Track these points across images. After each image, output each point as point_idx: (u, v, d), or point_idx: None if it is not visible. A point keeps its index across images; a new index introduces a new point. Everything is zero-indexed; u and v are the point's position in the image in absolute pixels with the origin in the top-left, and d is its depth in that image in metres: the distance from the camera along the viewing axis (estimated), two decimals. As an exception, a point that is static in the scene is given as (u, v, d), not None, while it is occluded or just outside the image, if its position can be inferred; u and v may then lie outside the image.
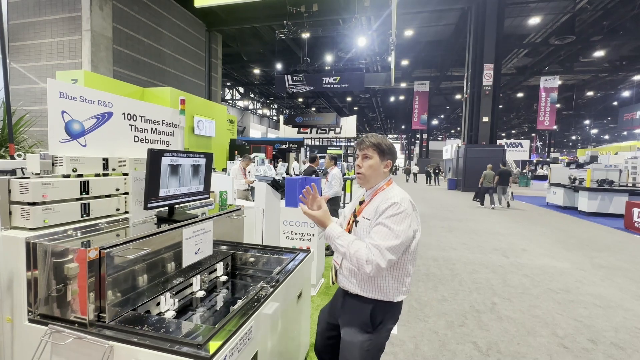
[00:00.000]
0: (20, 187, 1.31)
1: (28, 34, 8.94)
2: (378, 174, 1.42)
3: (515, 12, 14.90)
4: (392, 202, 1.29)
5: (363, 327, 1.37)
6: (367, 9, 12.34)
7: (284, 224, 3.56)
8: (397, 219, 1.27)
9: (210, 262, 1.88)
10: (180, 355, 1.02)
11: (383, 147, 1.41)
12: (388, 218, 1.27)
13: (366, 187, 1.47)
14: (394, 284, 1.36)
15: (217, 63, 15.39)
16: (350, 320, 1.41)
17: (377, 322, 1.37)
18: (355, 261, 1.26)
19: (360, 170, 1.43)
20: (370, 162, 1.41)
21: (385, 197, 1.35)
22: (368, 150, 1.42)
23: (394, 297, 1.36)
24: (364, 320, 1.37)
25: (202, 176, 1.87)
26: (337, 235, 1.33)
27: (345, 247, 1.28)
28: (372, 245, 1.25)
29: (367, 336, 1.36)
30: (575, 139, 46.29)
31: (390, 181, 1.45)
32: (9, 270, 1.24)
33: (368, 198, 1.45)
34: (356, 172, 1.45)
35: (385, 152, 1.42)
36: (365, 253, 1.24)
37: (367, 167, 1.42)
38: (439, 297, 3.50)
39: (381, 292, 1.35)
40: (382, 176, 1.44)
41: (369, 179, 1.43)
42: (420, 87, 21.60)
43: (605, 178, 9.81)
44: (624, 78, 21.38)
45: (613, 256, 5.24)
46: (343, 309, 1.46)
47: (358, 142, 1.46)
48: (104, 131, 1.75)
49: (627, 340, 2.70)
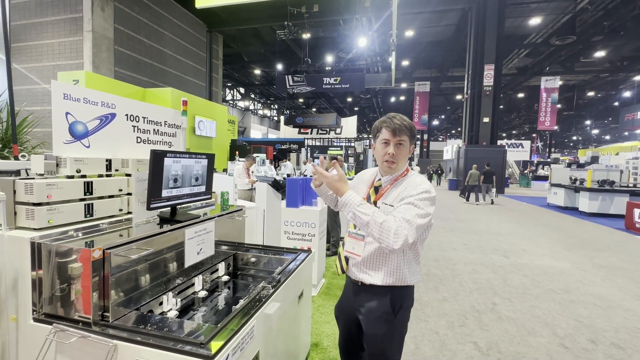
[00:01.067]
0: (25, 188, 1.32)
1: (30, 34, 8.98)
2: (406, 161, 1.37)
3: (516, 12, 14.90)
4: (424, 189, 1.25)
5: (384, 317, 1.34)
6: (367, 9, 12.35)
7: (284, 224, 3.57)
8: (428, 203, 1.24)
9: (212, 262, 1.89)
10: (183, 354, 1.03)
11: (414, 132, 1.34)
12: (421, 200, 1.22)
13: (389, 173, 1.38)
14: (408, 267, 1.33)
15: (218, 64, 15.42)
16: (370, 313, 1.37)
17: (397, 309, 1.34)
18: (381, 232, 1.15)
19: (394, 158, 1.32)
20: (404, 150, 1.33)
21: (411, 183, 1.30)
22: (402, 136, 1.31)
23: (410, 280, 1.34)
24: (385, 309, 1.34)
25: (204, 177, 1.88)
26: (359, 202, 1.22)
27: (370, 216, 1.17)
28: (402, 219, 1.17)
29: (390, 325, 1.34)
30: (576, 139, 46.21)
31: (408, 167, 1.40)
32: (14, 270, 1.26)
33: (387, 184, 1.37)
34: (386, 160, 1.33)
35: (414, 135, 1.35)
36: (395, 224, 1.15)
37: (402, 155, 1.33)
38: (440, 297, 3.51)
39: (397, 277, 1.32)
40: (407, 162, 1.39)
41: (397, 168, 1.35)
42: (421, 87, 21.59)
43: (606, 178, 9.80)
44: (624, 78, 21.34)
45: (613, 256, 5.24)
46: (360, 303, 1.41)
47: (388, 125, 1.31)
48: (107, 132, 1.77)
49: (627, 341, 2.71)
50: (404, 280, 1.33)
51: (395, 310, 1.35)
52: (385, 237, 1.15)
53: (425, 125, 23.01)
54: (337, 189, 1.28)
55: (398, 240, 1.13)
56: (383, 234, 1.15)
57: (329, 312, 3.04)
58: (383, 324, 1.34)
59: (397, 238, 1.13)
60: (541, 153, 38.57)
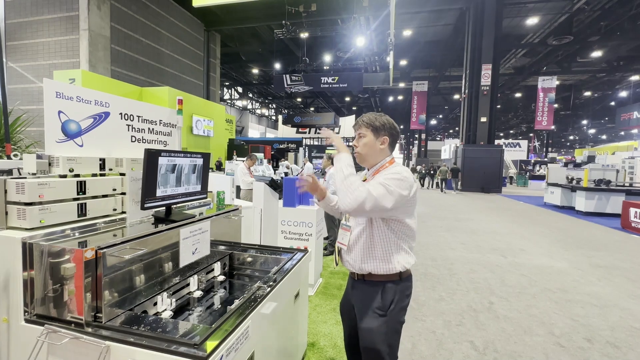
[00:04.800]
0: (17, 187, 1.30)
1: (25, 33, 8.91)
2: (375, 152, 1.43)
3: (514, 12, 14.94)
4: (396, 171, 1.33)
5: (376, 311, 1.37)
6: (365, 8, 12.35)
7: (281, 223, 3.56)
8: (397, 182, 1.28)
9: (207, 262, 1.88)
10: (177, 354, 1.02)
11: (377, 124, 1.42)
12: (389, 180, 1.28)
13: (366, 165, 1.49)
14: (396, 252, 1.37)
15: (216, 63, 15.37)
16: (363, 306, 1.41)
17: (389, 303, 1.37)
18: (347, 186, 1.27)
19: (356, 149, 1.46)
20: (365, 140, 1.43)
21: (390, 170, 1.36)
22: (361, 129, 1.44)
23: (399, 266, 1.37)
24: (376, 304, 1.37)
25: (200, 176, 1.87)
26: (349, 163, 1.35)
27: (344, 173, 1.30)
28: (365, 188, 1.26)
29: (382, 320, 1.36)
30: (572, 139, 46.44)
31: (392, 160, 1.46)
32: (5, 271, 1.24)
33: (369, 176, 1.46)
34: (354, 151, 1.47)
35: (379, 128, 1.42)
36: (358, 186, 1.26)
37: (362, 145, 1.44)
38: (437, 296, 3.51)
39: (385, 262, 1.36)
40: (382, 154, 1.44)
41: (366, 157, 1.45)
42: (419, 87, 21.60)
43: (602, 178, 9.85)
44: (621, 78, 21.46)
45: (610, 256, 5.27)
46: (354, 295, 1.47)
47: (354, 123, 1.50)
48: (100, 131, 1.75)
49: (622, 339, 2.72)
50: (391, 265, 1.37)
51: (387, 305, 1.37)
52: (350, 192, 1.25)
53: (423, 124, 23.01)
54: (341, 145, 1.41)
55: (355, 195, 1.23)
56: (348, 188, 1.26)
57: (326, 311, 3.03)
58: (375, 319, 1.37)
59: (356, 195, 1.23)
60: (538, 152, 38.73)
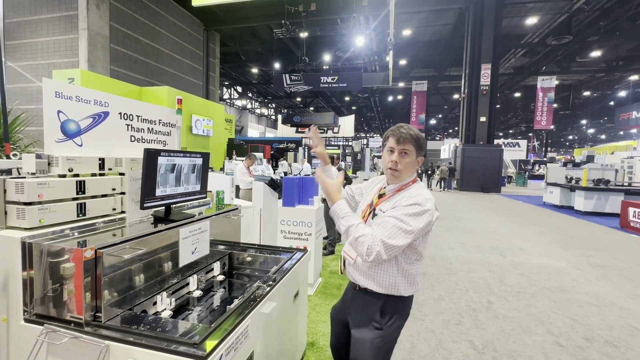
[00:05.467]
0: (16, 187, 1.30)
1: (24, 32, 8.88)
2: (411, 171, 1.35)
3: (513, 12, 14.94)
4: (415, 201, 1.23)
5: (373, 324, 1.33)
6: (365, 8, 12.34)
7: (281, 223, 3.57)
8: (415, 217, 1.21)
9: (207, 262, 1.88)
10: (176, 354, 1.02)
11: (421, 143, 1.33)
12: (407, 216, 1.21)
13: (394, 182, 1.38)
14: (403, 277, 1.32)
15: (215, 62, 15.35)
16: (360, 317, 1.38)
17: (387, 318, 1.33)
18: (356, 246, 1.22)
19: (397, 167, 1.32)
20: (408, 160, 1.32)
21: (408, 194, 1.30)
22: (407, 145, 1.30)
23: (404, 291, 1.32)
24: (374, 316, 1.33)
25: (199, 176, 1.87)
26: (342, 215, 1.27)
27: (346, 227, 1.24)
28: (378, 237, 1.19)
29: (377, 333, 1.32)
30: (572, 138, 46.47)
31: (415, 178, 1.38)
32: (4, 270, 1.24)
33: (390, 192, 1.38)
34: (390, 167, 1.34)
35: (422, 147, 1.34)
36: (369, 241, 1.19)
37: (405, 164, 1.32)
38: (436, 296, 3.52)
39: (390, 286, 1.31)
40: (412, 173, 1.37)
41: (400, 176, 1.34)
42: (418, 86, 21.58)
43: (601, 177, 9.87)
44: (620, 78, 21.47)
45: (609, 255, 5.28)
46: (352, 305, 1.43)
47: (394, 133, 1.33)
48: (100, 131, 1.75)
49: (621, 339, 2.73)
50: (397, 289, 1.31)
51: (385, 319, 1.34)
52: (359, 249, 1.22)
53: (423, 124, 22.99)
54: (331, 195, 1.35)
55: (370, 255, 1.19)
56: (358, 246, 1.22)
57: (325, 311, 3.03)
58: (369, 331, 1.33)
59: (369, 252, 1.19)
60: (537, 152, 38.78)
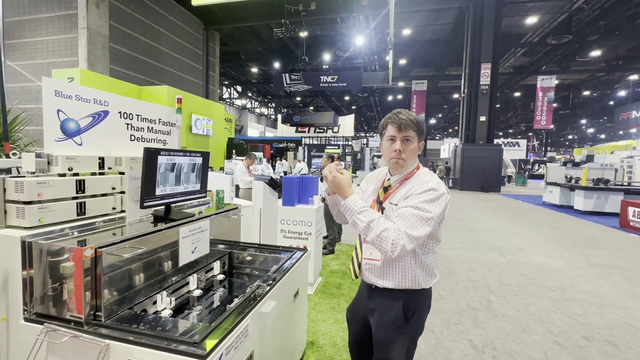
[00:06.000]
0: (16, 186, 1.30)
1: (24, 31, 8.87)
2: (414, 158, 1.30)
3: (513, 11, 14.93)
4: (430, 186, 1.20)
5: (396, 322, 1.29)
6: (365, 7, 12.32)
7: (281, 222, 3.57)
8: (433, 203, 1.18)
9: (207, 261, 1.88)
10: (176, 353, 1.02)
11: (422, 127, 1.28)
12: (424, 202, 1.17)
13: (398, 172, 1.33)
14: (422, 269, 1.28)
15: (215, 62, 15.33)
16: (383, 317, 1.32)
17: (410, 314, 1.29)
18: (380, 242, 1.14)
19: (402, 155, 1.26)
20: (412, 146, 1.26)
21: (419, 181, 1.25)
22: (409, 131, 1.25)
23: (424, 283, 1.29)
24: (397, 315, 1.28)
25: (199, 175, 1.87)
26: (359, 210, 1.18)
27: (366, 223, 1.16)
28: (402, 230, 1.15)
29: (400, 331, 1.28)
30: (571, 138, 46.50)
31: (419, 165, 1.34)
32: (4, 269, 1.24)
33: (396, 184, 1.32)
34: (393, 157, 1.28)
35: (423, 131, 1.29)
36: (393, 235, 1.13)
37: (409, 151, 1.26)
38: (436, 295, 3.52)
39: (411, 280, 1.27)
40: (415, 160, 1.32)
41: (407, 165, 1.29)
42: (418, 86, 21.58)
43: (601, 177, 9.87)
44: (620, 78, 21.46)
45: (608, 254, 5.28)
46: (372, 306, 1.36)
47: (393, 120, 1.27)
48: (100, 130, 1.75)
49: (620, 337, 2.73)
50: (417, 283, 1.28)
51: (408, 316, 1.30)
52: (383, 246, 1.14)
53: (423, 123, 23.02)
54: (342, 189, 1.25)
55: (395, 250, 1.13)
56: (382, 243, 1.14)
57: (325, 310, 3.04)
58: (393, 330, 1.29)
59: (394, 248, 1.13)
60: (537, 152, 38.79)
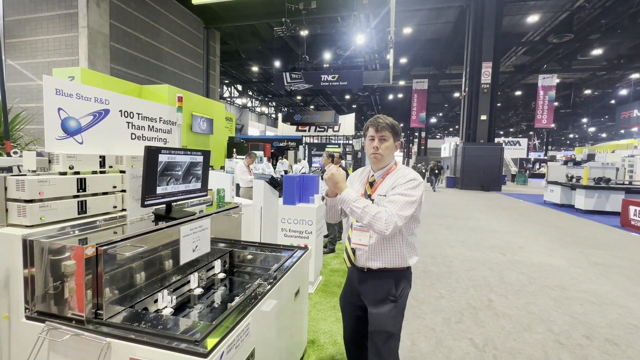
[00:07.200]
0: (17, 185, 1.30)
1: (24, 30, 8.86)
2: (391, 155, 1.56)
3: (514, 10, 14.88)
4: (411, 177, 1.46)
5: (389, 298, 1.51)
6: (365, 6, 12.29)
7: (281, 221, 3.56)
8: (415, 190, 1.44)
9: (207, 260, 1.88)
10: (178, 351, 1.02)
11: (397, 129, 1.54)
12: (409, 189, 1.43)
13: (378, 166, 1.57)
14: (407, 248, 1.52)
15: (215, 60, 15.31)
16: (377, 295, 1.52)
17: (400, 290, 1.52)
18: (375, 221, 1.36)
19: (378, 151, 1.52)
20: (387, 144, 1.52)
21: (401, 174, 1.50)
22: (384, 132, 1.51)
23: (410, 261, 1.53)
24: (390, 290, 1.51)
25: (200, 174, 1.87)
26: (354, 198, 1.43)
27: (361, 209, 1.39)
28: (392, 210, 1.38)
29: (392, 305, 1.50)
30: (572, 137, 46.40)
31: (396, 162, 1.59)
32: (5, 268, 1.24)
33: (380, 178, 1.57)
34: (372, 152, 1.54)
35: (398, 133, 1.55)
36: (386, 214, 1.36)
37: (384, 148, 1.52)
38: (436, 294, 3.52)
39: (400, 259, 1.50)
40: (392, 157, 1.58)
41: (383, 160, 1.54)
42: (419, 85, 21.53)
43: (602, 176, 9.85)
44: (621, 76, 21.40)
45: (609, 254, 5.28)
46: (366, 288, 1.56)
47: (372, 123, 1.53)
48: (100, 128, 1.75)
49: (621, 337, 2.73)
50: (404, 260, 1.51)
51: (399, 291, 1.52)
52: (379, 225, 1.36)
53: (423, 122, 22.95)
54: (338, 185, 1.48)
55: (389, 227, 1.35)
56: (377, 222, 1.36)
57: (326, 309, 3.04)
58: (388, 303, 1.50)
59: (387, 225, 1.35)
60: (538, 151, 38.73)
